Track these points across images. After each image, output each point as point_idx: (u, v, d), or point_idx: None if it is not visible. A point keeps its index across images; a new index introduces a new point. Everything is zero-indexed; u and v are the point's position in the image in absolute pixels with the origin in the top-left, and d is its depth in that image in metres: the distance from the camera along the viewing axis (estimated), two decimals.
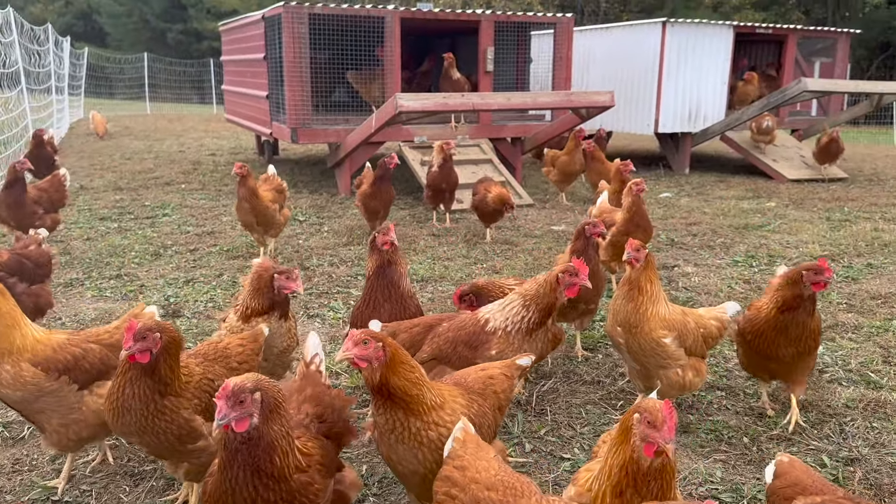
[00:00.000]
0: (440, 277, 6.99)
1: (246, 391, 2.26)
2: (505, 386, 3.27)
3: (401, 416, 2.66)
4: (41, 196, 7.33)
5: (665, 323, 3.79)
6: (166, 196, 10.82)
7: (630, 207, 6.07)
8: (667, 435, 2.12)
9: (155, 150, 16.34)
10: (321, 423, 2.74)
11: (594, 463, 2.50)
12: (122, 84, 36.66)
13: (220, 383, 2.92)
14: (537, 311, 3.59)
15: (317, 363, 2.95)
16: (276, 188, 7.58)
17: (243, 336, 3.56)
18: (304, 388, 2.85)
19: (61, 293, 6.32)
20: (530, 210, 10.28)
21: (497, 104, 9.64)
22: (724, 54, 13.98)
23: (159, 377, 2.87)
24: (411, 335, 3.80)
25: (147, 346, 2.83)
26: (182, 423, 2.94)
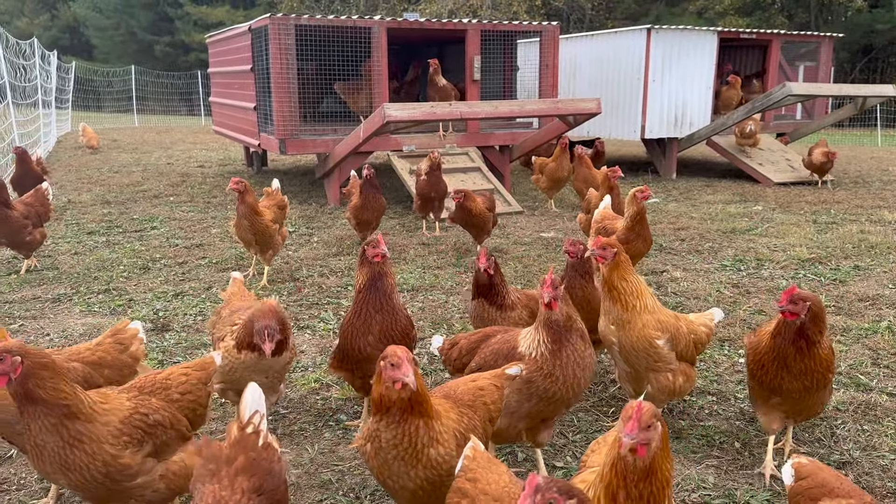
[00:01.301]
0: (430, 287, 6.99)
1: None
2: (495, 397, 3.26)
3: (413, 429, 2.63)
4: (29, 211, 7.28)
5: (659, 324, 3.80)
6: (154, 209, 10.78)
7: (634, 216, 6.03)
8: (628, 429, 2.13)
9: (143, 163, 16.29)
10: (260, 497, 2.37)
11: (587, 473, 2.50)
12: (109, 97, 36.54)
13: (158, 417, 2.90)
14: (544, 331, 3.42)
15: (255, 423, 2.57)
16: (277, 204, 7.32)
17: (189, 364, 3.31)
18: (234, 458, 2.44)
19: (49, 309, 6.28)
20: (519, 217, 10.30)
21: (485, 112, 9.67)
22: (709, 60, 14.10)
23: (45, 401, 2.62)
24: (469, 342, 3.83)
25: (3, 370, 2.60)
26: (108, 458, 2.70)
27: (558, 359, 3.39)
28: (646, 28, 13.54)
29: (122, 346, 3.63)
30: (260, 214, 6.74)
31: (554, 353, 3.39)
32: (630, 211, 6.05)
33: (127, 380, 3.61)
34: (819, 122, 15.91)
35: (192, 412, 3.15)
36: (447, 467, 2.70)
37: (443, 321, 6.01)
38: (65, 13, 51.93)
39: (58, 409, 2.64)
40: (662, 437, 2.20)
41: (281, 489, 2.49)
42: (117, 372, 3.56)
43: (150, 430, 2.85)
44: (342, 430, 4.23)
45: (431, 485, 2.67)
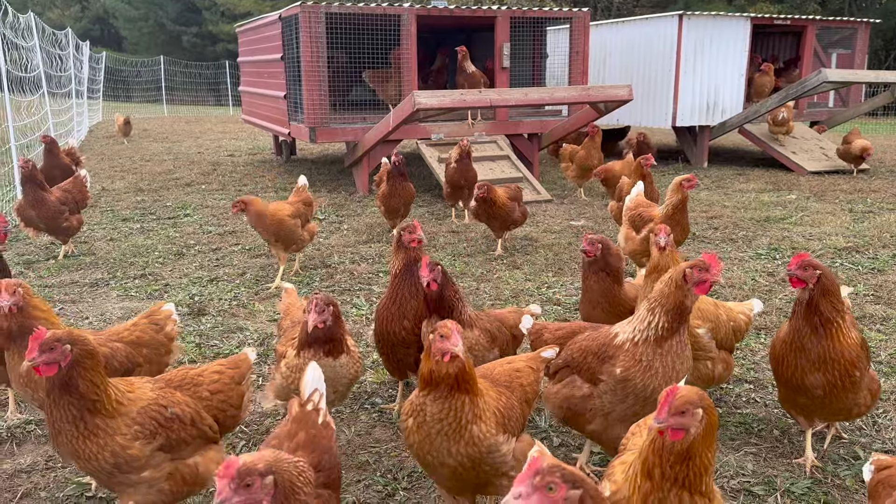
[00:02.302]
0: (461, 273, 7.00)
1: (255, 473, 1.90)
2: (531, 378, 3.27)
3: (459, 404, 2.64)
4: (67, 197, 7.40)
5: (699, 313, 3.77)
6: (187, 197, 10.91)
7: (676, 204, 5.95)
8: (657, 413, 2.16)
9: (174, 152, 16.48)
10: (318, 473, 2.38)
11: (627, 455, 2.49)
12: (138, 87, 37.00)
13: (178, 411, 2.82)
14: (664, 313, 3.11)
15: (315, 401, 2.59)
16: (304, 201, 7.07)
17: (222, 362, 3.24)
18: (295, 434, 2.47)
19: (87, 293, 6.39)
20: (549, 206, 10.26)
21: (514, 100, 9.62)
22: (742, 46, 13.87)
23: (80, 394, 2.63)
24: (555, 336, 3.66)
25: (54, 358, 2.61)
26: (116, 449, 2.67)
27: (661, 348, 3.10)
28: (677, 14, 13.35)
29: (157, 327, 3.71)
30: (268, 214, 6.45)
31: (659, 342, 3.10)
32: (673, 199, 5.97)
33: (163, 358, 3.73)
34: (854, 110, 15.60)
35: (222, 413, 3.04)
36: (487, 445, 2.72)
37: (474, 307, 6.00)
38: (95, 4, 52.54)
39: (85, 402, 2.63)
40: (707, 424, 2.18)
41: (336, 469, 2.51)
42: (154, 350, 3.66)
43: (166, 423, 2.78)
44: (377, 412, 4.26)
45: (472, 462, 2.68)
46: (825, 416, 3.58)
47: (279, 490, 1.94)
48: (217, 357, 4.98)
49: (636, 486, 2.26)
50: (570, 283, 6.68)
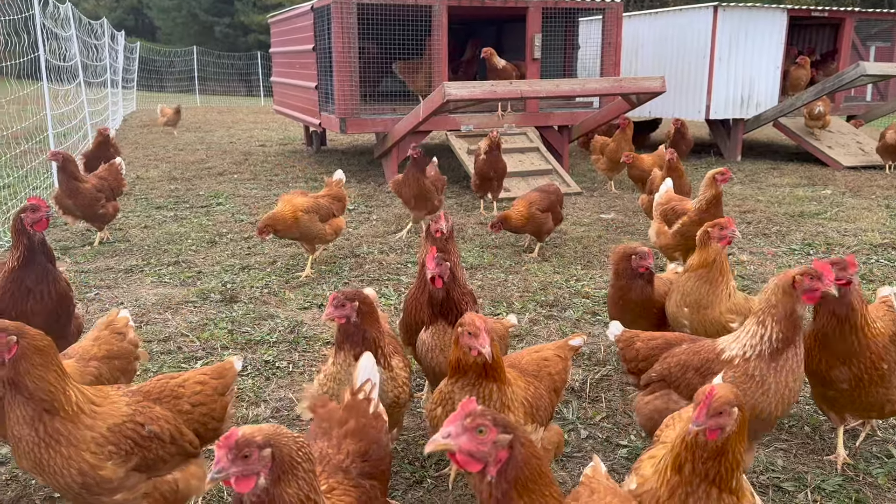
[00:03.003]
0: (489, 265, 7.01)
1: (253, 445, 1.90)
2: (559, 367, 3.28)
3: (487, 392, 2.67)
4: (102, 184, 7.54)
5: (732, 307, 3.75)
6: (219, 186, 11.05)
7: (711, 199, 5.87)
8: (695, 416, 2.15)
9: (206, 142, 16.68)
10: (364, 463, 2.38)
11: (657, 449, 2.49)
12: (171, 77, 37.46)
13: (156, 429, 2.64)
14: (775, 323, 2.92)
15: (367, 391, 2.57)
16: (334, 196, 6.93)
17: (206, 370, 3.03)
18: (346, 421, 2.47)
19: (122, 279, 6.52)
20: (578, 198, 10.20)
21: (545, 91, 9.57)
22: (778, 38, 13.62)
23: (29, 392, 2.44)
24: (648, 347, 3.44)
25: None
26: (84, 467, 2.46)
27: (775, 362, 2.91)
28: (713, 5, 13.14)
29: (120, 336, 3.42)
30: (283, 216, 6.32)
31: (774, 356, 2.91)
32: (707, 193, 5.91)
33: (133, 366, 3.46)
34: (892, 105, 15.24)
35: (203, 426, 2.86)
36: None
37: (503, 299, 6.03)
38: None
39: (38, 402, 2.45)
40: (740, 420, 2.17)
41: (386, 461, 2.50)
42: (124, 360, 3.40)
43: (144, 442, 2.60)
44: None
45: None
46: (856, 412, 3.52)
47: (276, 463, 1.92)
48: (248, 343, 5.07)
49: (665, 480, 2.25)
50: (598, 276, 6.65)
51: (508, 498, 1.80)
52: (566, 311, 5.75)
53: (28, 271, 3.87)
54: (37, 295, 3.88)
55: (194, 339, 5.12)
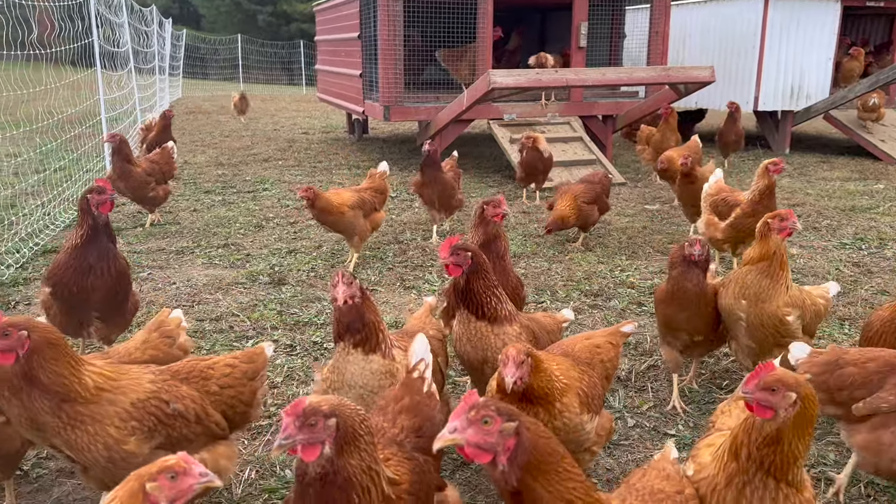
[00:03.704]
0: (532, 254, 7.00)
1: (319, 414, 1.93)
2: (611, 355, 3.28)
3: (532, 413, 2.62)
4: (153, 168, 7.72)
5: (789, 299, 3.70)
6: (265, 172, 11.21)
7: (764, 190, 5.77)
8: (744, 384, 2.15)
9: (251, 129, 16.91)
10: (418, 438, 2.43)
11: (715, 437, 2.48)
12: (215, 65, 37.98)
13: (181, 407, 2.65)
14: None
15: (420, 370, 2.62)
16: (375, 188, 6.77)
17: (237, 355, 3.02)
18: (401, 397, 2.55)
19: (174, 260, 6.68)
20: (622, 189, 10.11)
21: (591, 80, 9.48)
22: (831, 29, 13.26)
23: (44, 386, 2.45)
24: (864, 371, 3.02)
25: (10, 346, 2.43)
26: (109, 441, 2.49)
27: None
28: None
29: (170, 340, 3.32)
30: (332, 213, 6.18)
31: None
32: (760, 184, 5.81)
33: None
34: None
35: (232, 409, 2.86)
36: (572, 426, 2.74)
37: (546, 287, 6.03)
38: None
39: (54, 394, 2.47)
40: (801, 414, 2.14)
41: None
42: None
43: (167, 420, 2.61)
44: (451, 384, 4.33)
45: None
46: None
47: (340, 433, 1.95)
48: (297, 325, 5.16)
49: (722, 465, 2.25)
50: (643, 266, 6.60)
51: (524, 484, 1.80)
52: (611, 301, 5.73)
53: (90, 249, 4.01)
54: (97, 271, 4.01)
55: (245, 319, 5.23)
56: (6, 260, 6.26)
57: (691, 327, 4.00)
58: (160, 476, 1.82)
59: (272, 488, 3.30)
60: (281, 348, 4.75)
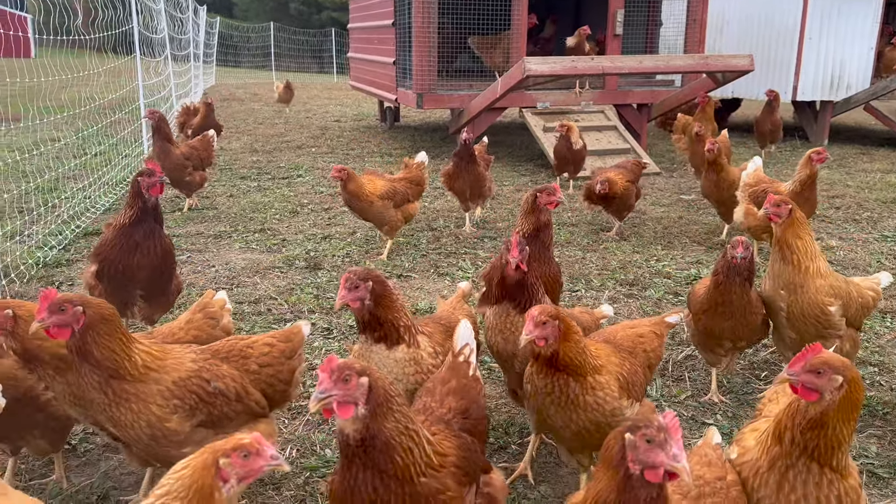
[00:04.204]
0: (566, 242, 6.98)
1: (352, 371, 2.02)
2: (655, 345, 3.27)
3: (561, 383, 2.70)
4: (192, 153, 7.82)
5: (831, 290, 3.65)
6: (298, 158, 11.29)
7: (805, 180, 5.68)
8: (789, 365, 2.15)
9: (284, 116, 17.04)
10: (465, 420, 2.50)
11: (760, 422, 2.47)
12: (247, 53, 38.26)
13: (222, 385, 2.69)
14: None
15: (466, 354, 2.67)
16: (411, 179, 6.61)
17: (274, 334, 3.07)
18: (448, 380, 2.61)
19: (212, 244, 6.78)
20: (657, 178, 10.01)
21: (628, 67, 9.38)
22: (873, 17, 12.95)
23: (96, 361, 2.50)
24: None
25: (65, 321, 2.48)
26: (152, 419, 2.55)
27: None
28: None
29: (213, 322, 3.36)
30: (361, 198, 6.10)
31: None
32: (802, 174, 5.72)
33: None
34: None
35: (271, 387, 2.90)
36: (610, 409, 2.74)
37: (581, 276, 6.01)
38: None
39: (105, 369, 2.52)
40: (846, 398, 2.12)
41: (483, 422, 2.61)
42: None
43: (209, 398, 2.65)
44: (487, 370, 4.35)
45: (595, 426, 2.73)
46: None
47: (373, 394, 2.03)
48: (333, 309, 5.21)
49: (766, 449, 2.24)
50: (680, 256, 6.55)
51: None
52: (647, 291, 5.69)
53: (137, 228, 4.09)
54: (144, 250, 4.08)
55: (282, 302, 5.30)
56: (49, 241, 6.41)
57: (736, 336, 3.82)
58: (234, 453, 1.87)
59: (313, 466, 3.36)
60: (318, 331, 4.81)
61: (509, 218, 7.87)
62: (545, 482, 3.34)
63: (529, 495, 3.23)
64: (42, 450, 3.11)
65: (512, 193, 8.99)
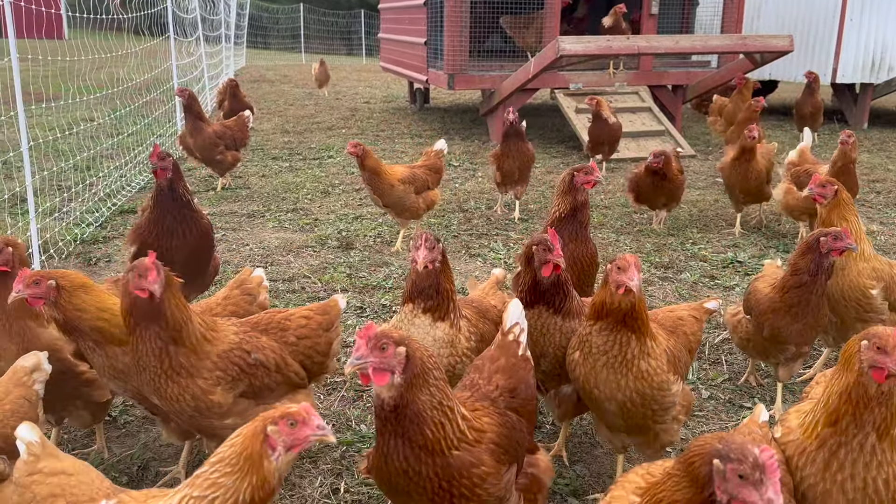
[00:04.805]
0: (599, 225, 6.91)
1: (390, 340, 2.03)
2: (694, 328, 3.21)
3: (623, 341, 2.64)
4: (225, 132, 7.85)
5: (873, 272, 3.56)
6: (329, 139, 11.31)
7: (836, 161, 5.57)
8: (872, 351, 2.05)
9: (314, 97, 17.06)
10: (512, 398, 2.47)
11: (805, 404, 2.42)
12: (276, 35, 38.31)
13: (262, 357, 2.72)
14: None
15: (515, 333, 2.60)
16: (430, 166, 6.37)
17: (311, 307, 3.09)
18: (497, 358, 2.57)
19: (245, 222, 6.83)
20: (692, 161, 9.85)
21: (664, 47, 9.21)
22: None
23: (167, 321, 2.54)
24: None
25: (150, 284, 2.50)
26: (197, 392, 2.60)
27: None
28: None
29: (250, 297, 3.38)
30: (382, 176, 5.86)
31: None
32: (835, 155, 5.62)
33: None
34: None
35: (309, 359, 2.93)
36: (658, 381, 2.70)
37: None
38: None
39: (170, 332, 2.56)
40: None
41: (532, 403, 2.58)
42: None
43: (249, 369, 2.69)
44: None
45: (641, 397, 2.68)
46: None
47: (410, 364, 2.05)
48: (366, 287, 5.23)
49: (814, 427, 2.18)
50: (716, 240, 6.45)
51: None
52: (682, 274, 5.62)
53: (165, 213, 4.05)
54: (178, 234, 4.07)
55: (316, 280, 5.33)
56: (87, 219, 6.51)
57: (803, 339, 3.48)
58: (282, 421, 1.91)
59: (348, 441, 3.38)
60: (351, 309, 4.82)
61: (541, 200, 7.81)
62: (580, 462, 3.33)
63: (565, 474, 3.22)
64: (84, 421, 3.16)
65: (543, 175, 8.91)
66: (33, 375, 2.64)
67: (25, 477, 2.13)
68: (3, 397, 2.53)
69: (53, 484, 2.10)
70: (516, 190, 7.12)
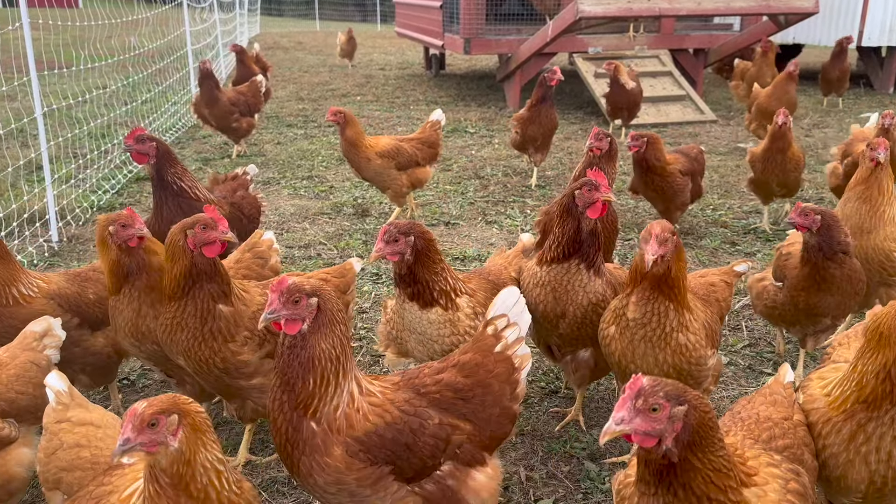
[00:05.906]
0: (617, 191, 6.78)
1: (302, 292, 2.03)
2: (726, 294, 3.16)
3: (661, 311, 2.55)
4: (238, 98, 7.80)
5: None
6: (344, 107, 11.16)
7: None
8: None
9: (328, 64, 16.92)
10: (457, 399, 2.24)
11: (827, 370, 2.35)
12: (290, 2, 37.93)
13: None
14: None
15: (497, 326, 2.37)
16: (424, 140, 5.82)
17: (328, 270, 3.17)
18: (465, 351, 2.38)
19: (261, 190, 6.78)
20: (713, 126, 9.67)
21: (686, 9, 8.97)
22: None
23: (220, 278, 2.66)
24: None
25: (221, 233, 2.61)
26: (227, 354, 2.67)
27: None
28: None
29: (262, 261, 3.38)
30: (360, 148, 5.43)
31: None
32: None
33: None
34: None
35: None
36: (696, 356, 2.64)
37: (633, 224, 5.88)
38: None
39: (218, 290, 2.65)
40: None
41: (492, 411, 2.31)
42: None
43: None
44: None
45: (677, 373, 2.62)
46: None
47: (320, 314, 2.07)
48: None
49: (843, 410, 2.10)
50: (737, 206, 6.35)
51: (683, 459, 1.74)
52: (702, 240, 5.54)
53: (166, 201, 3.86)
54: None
55: (332, 247, 5.31)
56: (103, 185, 6.51)
57: (840, 311, 3.34)
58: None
59: None
60: (367, 276, 4.80)
61: (558, 167, 7.71)
62: (597, 426, 3.30)
63: (582, 438, 3.20)
64: (84, 384, 3.17)
65: (561, 142, 8.78)
66: (44, 341, 2.67)
67: (54, 424, 2.19)
68: (9, 362, 2.56)
69: (80, 434, 2.16)
70: (536, 157, 6.99)
